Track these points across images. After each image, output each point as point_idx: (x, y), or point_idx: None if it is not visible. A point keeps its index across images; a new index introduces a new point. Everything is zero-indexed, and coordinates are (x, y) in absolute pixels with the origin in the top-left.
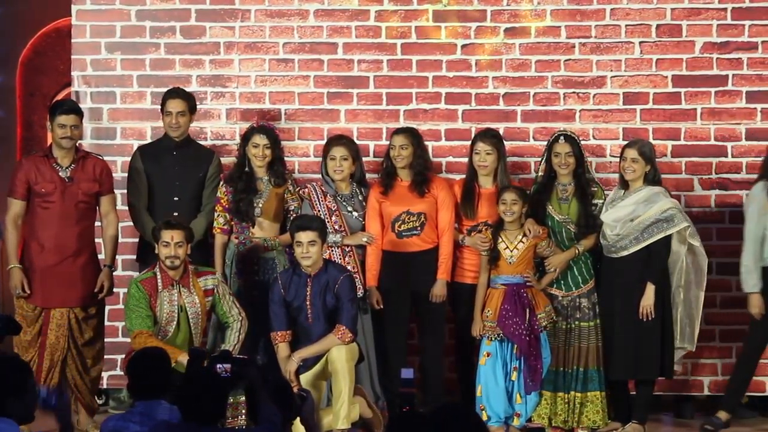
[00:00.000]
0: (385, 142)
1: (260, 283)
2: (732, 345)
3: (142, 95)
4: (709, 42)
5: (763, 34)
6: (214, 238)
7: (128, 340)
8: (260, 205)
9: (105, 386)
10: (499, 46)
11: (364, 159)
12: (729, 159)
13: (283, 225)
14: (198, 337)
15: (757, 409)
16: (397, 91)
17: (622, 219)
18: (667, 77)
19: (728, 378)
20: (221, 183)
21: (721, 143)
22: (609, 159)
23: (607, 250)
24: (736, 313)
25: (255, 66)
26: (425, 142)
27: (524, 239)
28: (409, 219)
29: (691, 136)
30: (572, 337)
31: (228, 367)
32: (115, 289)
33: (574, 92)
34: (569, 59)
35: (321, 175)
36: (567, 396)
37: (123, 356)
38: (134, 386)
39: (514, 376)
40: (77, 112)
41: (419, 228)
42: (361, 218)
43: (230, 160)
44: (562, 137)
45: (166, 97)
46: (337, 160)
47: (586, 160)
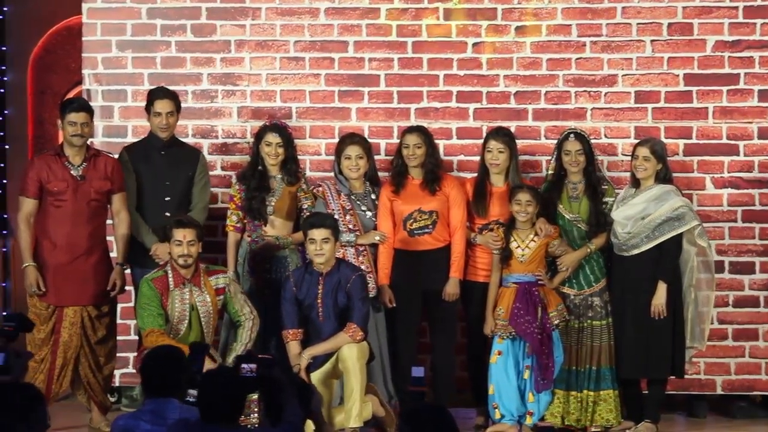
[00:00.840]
0: (396, 141)
1: (273, 281)
2: (745, 344)
3: None
4: (720, 40)
5: None
6: (227, 236)
7: (140, 338)
8: (273, 204)
9: (117, 384)
10: (511, 45)
11: (375, 157)
12: (741, 158)
13: (297, 223)
14: (210, 336)
15: None
16: (408, 89)
17: (633, 217)
18: (678, 76)
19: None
20: (234, 181)
21: (733, 142)
22: (621, 157)
23: (618, 249)
24: (749, 312)
25: (266, 64)
26: (436, 141)
27: (536, 238)
28: (420, 217)
29: (702, 134)
30: (584, 335)
31: (253, 367)
32: (127, 287)
33: (585, 91)
34: (580, 57)
35: (334, 174)
36: (580, 395)
37: (135, 354)
38: (148, 384)
39: (527, 375)
40: (87, 109)
41: (431, 226)
42: (375, 217)
43: (241, 158)
44: (572, 135)
45: (153, 98)
46: (352, 158)
47: (597, 158)
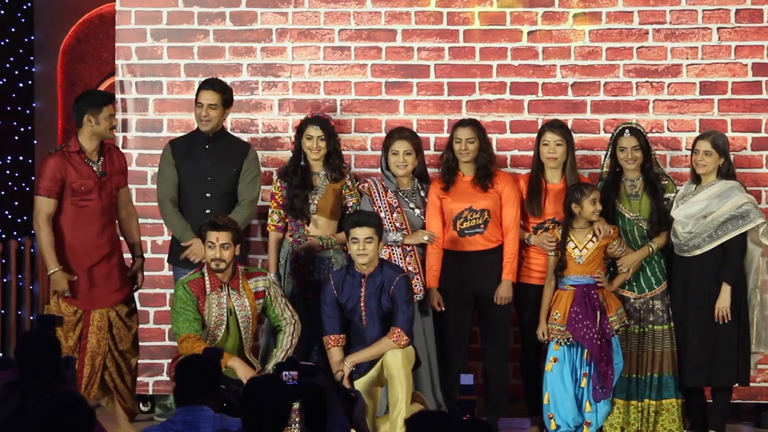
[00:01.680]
0: (446, 135)
1: (316, 283)
2: None
3: (189, 85)
4: None
5: None
6: (268, 236)
7: (175, 344)
8: (316, 202)
9: (151, 392)
10: (568, 33)
11: (424, 152)
12: None
13: (341, 222)
14: (248, 342)
15: None
16: (459, 80)
17: (694, 215)
18: (746, 65)
19: None
20: (275, 178)
21: None
22: (684, 152)
23: (678, 249)
24: None
25: (309, 54)
26: (489, 135)
27: (594, 239)
28: (471, 216)
29: None
30: (646, 341)
31: (295, 374)
32: (152, 291)
33: (647, 81)
34: (642, 46)
35: (381, 170)
36: (640, 404)
37: (169, 361)
38: (181, 392)
39: (584, 383)
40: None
41: (482, 226)
42: (423, 216)
43: (282, 154)
44: (627, 130)
45: (199, 87)
46: (400, 155)
47: (654, 153)
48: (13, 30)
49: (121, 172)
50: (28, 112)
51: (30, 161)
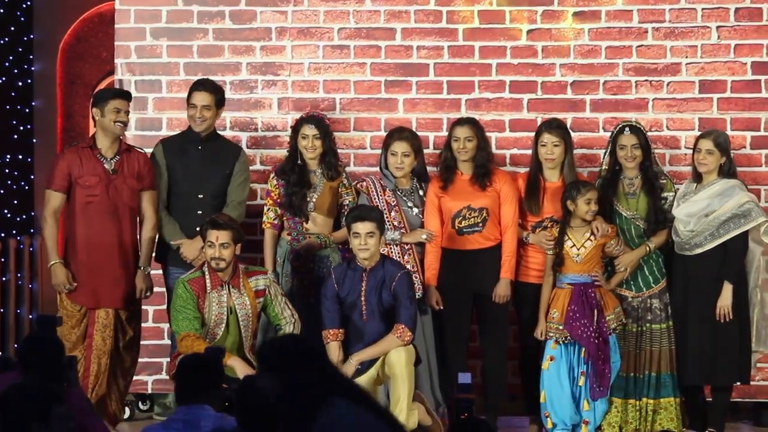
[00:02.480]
0: (445, 134)
1: (316, 281)
2: None
3: (189, 84)
4: None
5: None
6: (264, 234)
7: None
8: (314, 200)
9: (150, 391)
10: (567, 31)
11: (423, 150)
12: None
13: (337, 220)
14: (248, 340)
15: None
16: (458, 79)
17: (696, 214)
18: (746, 64)
19: None
20: (272, 176)
21: None
22: (684, 151)
23: (679, 248)
24: None
25: (308, 53)
26: (487, 134)
27: (592, 238)
28: (470, 215)
29: None
30: (643, 340)
31: None
32: (158, 289)
33: (646, 80)
34: (642, 45)
35: (379, 169)
36: (638, 403)
37: (168, 359)
38: (182, 391)
39: (582, 381)
40: (130, 97)
41: (481, 224)
42: (422, 215)
43: (281, 153)
44: (627, 128)
45: (192, 89)
46: (398, 155)
47: (654, 151)
48: (12, 29)
49: (139, 176)
50: (27, 110)
51: (29, 160)
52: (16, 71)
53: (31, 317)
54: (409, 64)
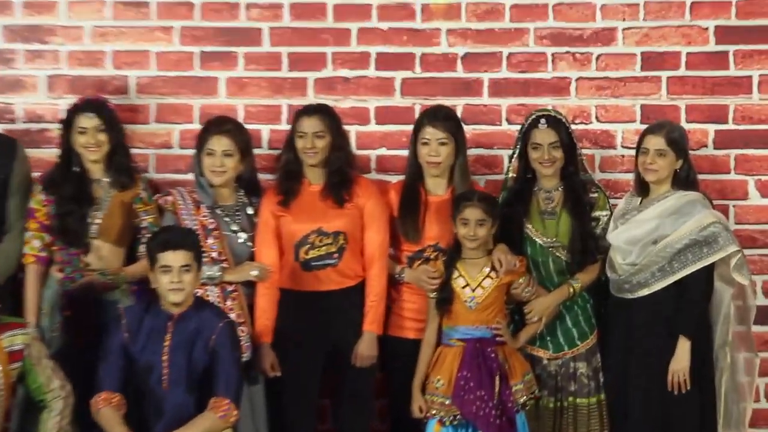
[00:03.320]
0: (286, 127)
1: (96, 338)
2: None
3: None
4: None
5: None
6: (25, 270)
7: None
8: (98, 221)
9: None
10: None
11: (256, 152)
12: None
13: (132, 250)
14: None
15: None
16: (303, 50)
17: (640, 241)
18: (707, 29)
19: None
20: (38, 189)
21: None
22: (621, 151)
23: (617, 288)
24: None
25: (90, 12)
26: (346, 127)
27: (492, 274)
28: (321, 242)
29: (744, 116)
30: (565, 420)
31: None
32: None
33: (567, 52)
34: (560, 3)
35: (194, 177)
36: None
37: None
38: None
39: None
40: None
41: (336, 255)
42: (251, 242)
43: (52, 153)
44: (544, 119)
45: None
46: (216, 155)
47: (581, 153)
48: None
49: None
50: None
51: None
52: None
53: None
54: (234, 29)
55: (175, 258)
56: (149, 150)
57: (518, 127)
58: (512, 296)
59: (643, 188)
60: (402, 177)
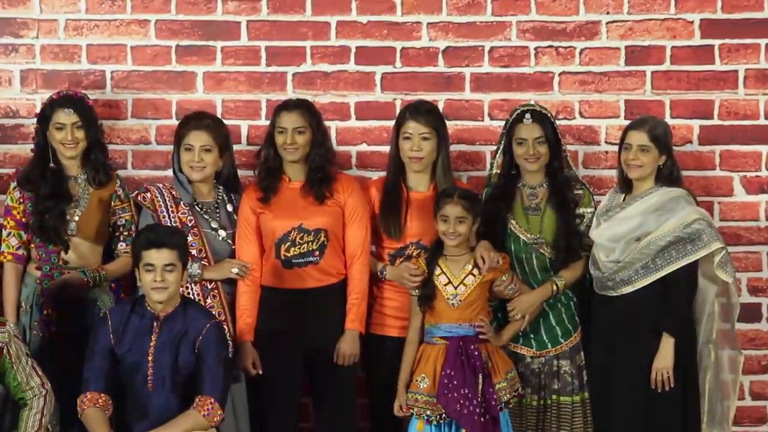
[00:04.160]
0: (265, 123)
1: (77, 336)
2: None
3: None
4: None
5: None
6: (2, 268)
7: None
8: (76, 218)
9: None
10: None
11: (235, 148)
12: None
13: (108, 247)
14: None
15: None
16: (282, 44)
17: (623, 237)
18: (692, 23)
19: None
20: (13, 186)
21: None
22: (604, 147)
23: (600, 286)
24: None
25: (65, 5)
26: (326, 123)
27: (475, 271)
28: (302, 239)
29: (729, 112)
30: (548, 418)
31: None
32: None
33: (550, 46)
34: None
35: (173, 173)
36: None
37: None
38: None
39: None
40: None
41: (317, 253)
42: (231, 239)
43: (27, 149)
44: (528, 115)
45: None
46: (195, 151)
47: (565, 149)
48: None
49: None
50: None
51: None
52: None
53: None
54: (211, 23)
55: (158, 256)
56: (126, 146)
57: (501, 123)
58: (495, 293)
59: (626, 185)
60: (383, 173)
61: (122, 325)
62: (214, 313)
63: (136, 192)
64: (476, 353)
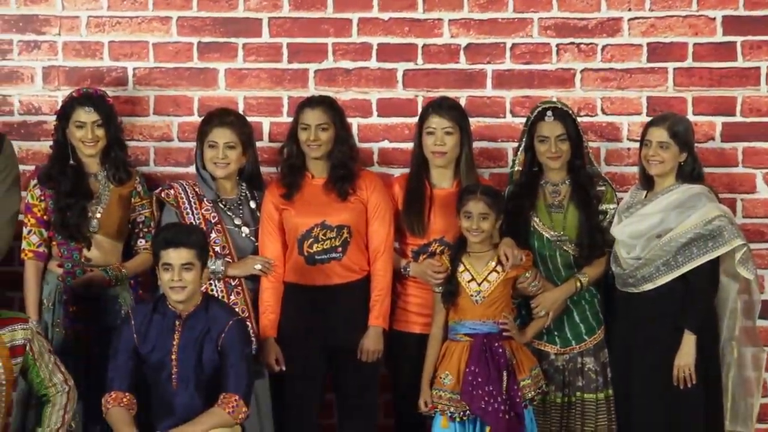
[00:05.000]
0: (287, 119)
1: (99, 332)
2: None
3: None
4: None
5: None
6: (24, 265)
7: None
8: (98, 215)
9: None
10: None
11: (257, 144)
12: None
13: (127, 244)
14: (0, 419)
15: None
16: (303, 41)
17: (644, 234)
18: (714, 19)
19: None
20: (33, 183)
21: None
22: (626, 144)
23: (622, 283)
24: None
25: (87, 2)
26: (348, 119)
27: (498, 268)
28: (325, 235)
29: (752, 108)
30: (573, 415)
31: None
32: None
33: (572, 43)
34: None
35: (196, 170)
36: None
37: None
38: None
39: None
40: None
41: (340, 249)
42: (254, 236)
43: (49, 146)
44: (550, 112)
45: None
46: (219, 147)
47: (587, 145)
48: None
49: None
50: None
51: None
52: None
53: None
54: (233, 20)
55: (176, 256)
56: (148, 143)
57: (522, 120)
58: (519, 291)
59: (648, 181)
60: (405, 170)
61: (145, 324)
62: (237, 310)
63: (160, 189)
64: (500, 350)
